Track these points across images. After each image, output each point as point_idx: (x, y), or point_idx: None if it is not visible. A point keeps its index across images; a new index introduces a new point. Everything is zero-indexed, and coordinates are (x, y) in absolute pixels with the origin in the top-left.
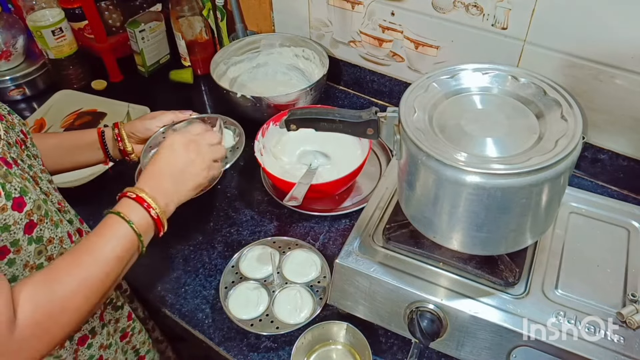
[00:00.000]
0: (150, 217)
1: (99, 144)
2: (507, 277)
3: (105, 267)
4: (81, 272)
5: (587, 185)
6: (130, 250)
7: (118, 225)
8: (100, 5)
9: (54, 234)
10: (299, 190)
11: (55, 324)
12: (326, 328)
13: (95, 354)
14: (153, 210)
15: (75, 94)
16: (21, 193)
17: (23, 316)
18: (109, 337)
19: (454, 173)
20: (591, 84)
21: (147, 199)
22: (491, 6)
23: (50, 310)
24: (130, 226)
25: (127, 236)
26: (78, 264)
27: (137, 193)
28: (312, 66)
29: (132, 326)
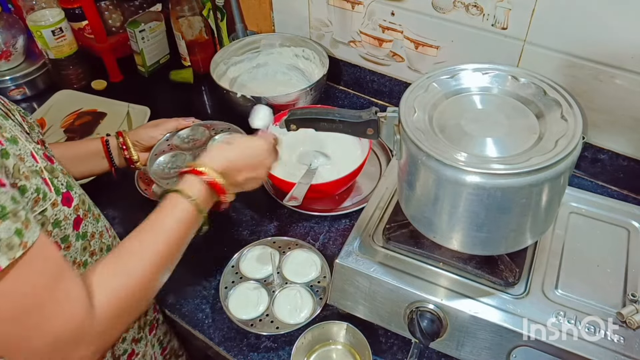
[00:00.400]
0: (205, 184)
1: (103, 153)
2: (507, 277)
3: (170, 246)
4: (148, 252)
5: (587, 185)
6: (192, 223)
7: (179, 202)
8: (100, 5)
9: (95, 229)
10: (299, 190)
11: (129, 306)
12: (326, 328)
13: (128, 348)
14: (207, 176)
15: (75, 94)
16: (67, 188)
17: (100, 304)
18: (140, 330)
19: (454, 173)
20: (591, 84)
21: (199, 168)
22: (491, 6)
23: (125, 293)
24: (189, 200)
25: (187, 210)
26: (145, 244)
27: (193, 165)
28: (312, 66)
29: (157, 317)
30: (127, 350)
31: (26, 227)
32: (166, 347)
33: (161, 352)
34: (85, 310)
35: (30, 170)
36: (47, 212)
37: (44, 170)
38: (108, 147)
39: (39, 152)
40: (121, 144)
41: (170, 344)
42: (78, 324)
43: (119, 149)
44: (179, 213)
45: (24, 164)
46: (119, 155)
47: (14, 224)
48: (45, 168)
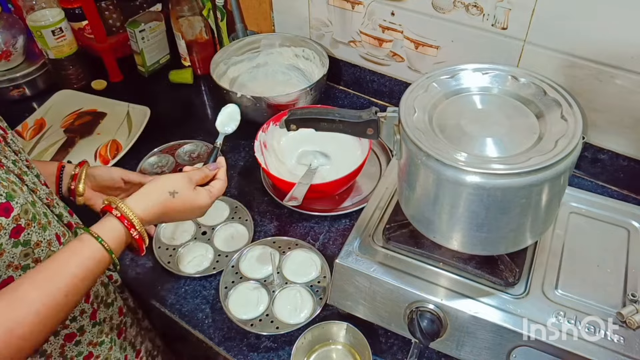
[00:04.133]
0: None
1: (55, 176)
2: (507, 277)
3: (70, 287)
4: (43, 299)
5: (587, 185)
6: (99, 265)
7: (86, 241)
8: (100, 5)
9: (42, 237)
10: (299, 190)
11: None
12: (326, 328)
13: (84, 350)
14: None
15: (75, 94)
16: (8, 198)
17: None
18: (101, 334)
19: (454, 173)
20: (591, 84)
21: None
22: (491, 6)
23: (9, 340)
24: (97, 240)
25: (95, 251)
26: (38, 284)
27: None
28: (312, 66)
29: (124, 320)
30: (82, 352)
31: None
32: (140, 350)
33: (135, 355)
34: None
35: None
36: None
37: None
38: (61, 173)
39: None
40: (75, 174)
41: (143, 345)
42: None
43: (70, 177)
44: (86, 256)
45: None
46: (68, 183)
47: None
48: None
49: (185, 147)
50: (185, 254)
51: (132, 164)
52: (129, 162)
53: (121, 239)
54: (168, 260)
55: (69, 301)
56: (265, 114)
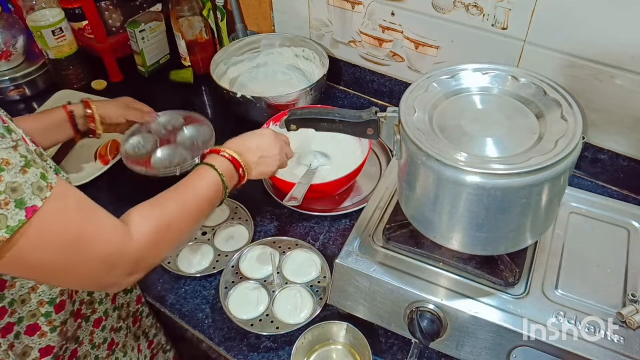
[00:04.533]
0: (235, 171)
1: (69, 122)
2: (507, 277)
3: (199, 200)
4: (181, 200)
5: (587, 185)
6: (217, 195)
7: (207, 170)
8: (100, 5)
9: None
10: (299, 190)
11: (164, 238)
12: (326, 328)
13: (107, 336)
14: (240, 167)
15: (75, 94)
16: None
17: (138, 230)
18: (120, 320)
19: (454, 173)
20: (591, 84)
21: (234, 155)
22: (491, 6)
23: (160, 227)
24: (219, 176)
25: (216, 184)
26: (178, 194)
27: (227, 151)
28: (312, 66)
29: (141, 310)
30: (106, 339)
31: (47, 171)
32: (153, 340)
33: (147, 345)
34: (123, 236)
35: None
36: None
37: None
38: (73, 117)
39: (27, 137)
40: (89, 116)
41: (157, 337)
42: (117, 247)
43: (85, 118)
44: (208, 179)
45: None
46: (84, 124)
47: (37, 169)
48: (35, 151)
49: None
50: (185, 254)
51: None
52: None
53: (230, 172)
54: (168, 261)
55: (199, 215)
56: (265, 114)
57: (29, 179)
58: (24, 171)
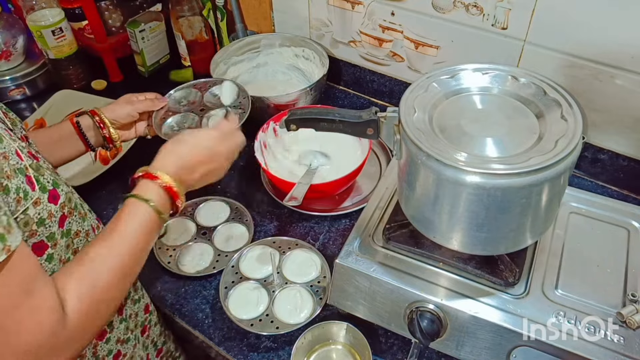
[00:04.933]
0: (161, 189)
1: (76, 135)
2: (507, 277)
3: (134, 247)
4: (114, 252)
5: (587, 185)
6: (153, 227)
7: (140, 207)
8: (100, 5)
9: (81, 227)
10: (299, 190)
11: (98, 313)
12: (326, 328)
13: (113, 348)
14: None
15: (75, 94)
16: (54, 185)
17: (71, 306)
18: (127, 331)
19: (454, 173)
20: (591, 84)
21: (153, 172)
22: (491, 6)
23: (95, 295)
24: (148, 204)
25: (147, 213)
26: (110, 245)
27: (146, 170)
28: (312, 66)
29: (149, 319)
30: (112, 351)
31: (8, 232)
32: (162, 349)
33: (156, 354)
34: (58, 318)
35: (14, 168)
36: (29, 211)
37: (29, 168)
38: (80, 128)
39: (24, 150)
40: (98, 123)
41: (166, 345)
42: (52, 332)
43: (96, 128)
44: (141, 217)
45: (7, 163)
46: (96, 135)
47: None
48: (31, 166)
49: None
50: (185, 254)
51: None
52: (129, 162)
53: (166, 204)
54: (168, 261)
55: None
56: (265, 114)
57: None
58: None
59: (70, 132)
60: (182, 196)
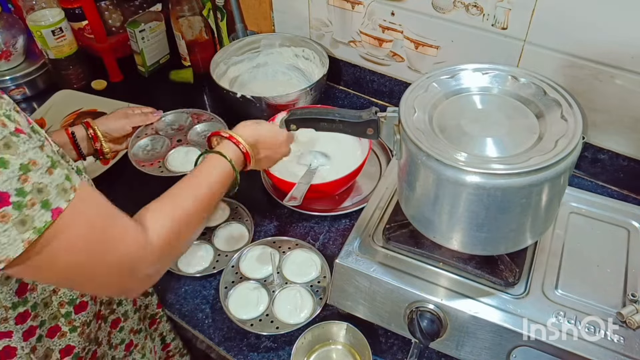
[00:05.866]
0: (240, 151)
1: (70, 145)
2: (507, 277)
3: (211, 191)
4: (194, 193)
5: (587, 185)
6: (228, 177)
7: (218, 160)
8: (100, 5)
9: None
10: (299, 190)
11: (180, 235)
12: (326, 328)
13: (126, 337)
14: (242, 145)
15: (75, 94)
16: (78, 172)
17: (155, 231)
18: (140, 322)
19: (454, 173)
20: (591, 84)
21: (236, 137)
22: (491, 6)
23: (176, 225)
24: (228, 160)
25: (228, 171)
26: (191, 187)
27: (230, 133)
28: (312, 66)
29: (161, 314)
30: (124, 340)
31: (70, 173)
32: (169, 344)
33: (162, 348)
34: (143, 238)
35: None
36: None
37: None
38: (75, 139)
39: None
40: (92, 135)
41: (174, 341)
42: (137, 251)
43: (88, 140)
44: (221, 170)
45: None
46: (88, 146)
47: (62, 170)
48: (57, 152)
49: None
50: (185, 254)
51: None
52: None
53: (241, 165)
54: None
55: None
56: (265, 114)
57: (55, 180)
58: (50, 172)
59: (65, 141)
60: (253, 159)
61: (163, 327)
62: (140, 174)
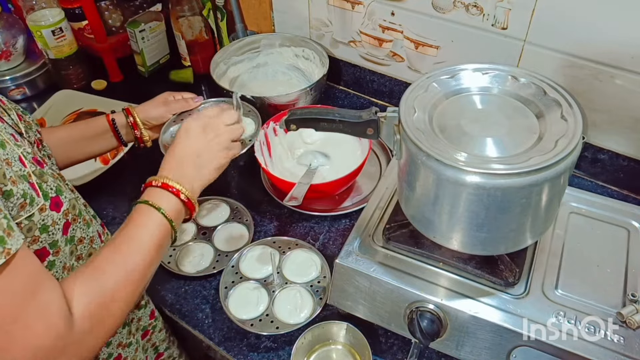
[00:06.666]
0: (180, 201)
1: (111, 132)
2: (507, 277)
3: (145, 255)
4: (124, 261)
5: (587, 185)
6: (165, 236)
7: (150, 213)
8: (100, 5)
9: (85, 234)
10: (299, 190)
11: (109, 314)
12: (326, 328)
13: (113, 352)
14: (182, 194)
15: (75, 94)
16: (57, 192)
17: (78, 310)
18: (130, 335)
19: (454, 173)
20: (591, 84)
21: (173, 184)
22: (491, 6)
23: (103, 302)
24: (161, 213)
25: (160, 224)
26: (120, 254)
27: (162, 180)
28: (312, 66)
29: (154, 324)
30: (112, 354)
31: (8, 235)
32: (162, 353)
33: (155, 358)
34: (65, 321)
35: (17, 174)
36: (34, 217)
37: (32, 174)
38: (115, 126)
39: (28, 157)
40: (131, 124)
41: (168, 350)
42: (58, 334)
43: (128, 127)
44: (153, 225)
45: (10, 169)
46: (128, 133)
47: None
48: (34, 172)
49: None
50: (185, 254)
51: (132, 165)
52: (129, 162)
53: (179, 210)
54: (168, 261)
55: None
56: (265, 114)
57: None
58: None
59: (105, 128)
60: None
61: (156, 337)
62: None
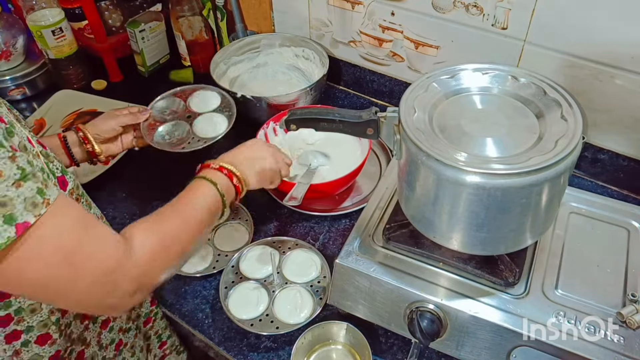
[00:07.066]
0: (232, 185)
1: (62, 149)
2: (507, 277)
3: (198, 213)
4: (183, 214)
5: (587, 185)
6: (217, 207)
7: (207, 184)
8: (100, 5)
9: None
10: (298, 190)
11: (166, 254)
12: (326, 328)
13: (115, 337)
14: (235, 177)
15: (75, 94)
16: (62, 172)
17: (139, 246)
18: (129, 321)
19: (454, 173)
20: (591, 84)
21: (227, 167)
22: (491, 6)
23: (162, 238)
24: (216, 188)
25: (214, 195)
26: (178, 209)
27: (220, 163)
28: (312, 66)
29: (155, 312)
30: (114, 340)
31: (46, 186)
32: (166, 342)
33: (159, 346)
34: (123, 253)
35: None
36: None
37: (40, 154)
38: (66, 143)
39: (33, 138)
40: (82, 139)
41: (170, 339)
42: (116, 265)
43: (80, 144)
44: (206, 193)
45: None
46: (81, 151)
47: (35, 184)
48: (41, 152)
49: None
50: None
51: (133, 165)
52: (129, 162)
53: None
54: None
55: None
56: (265, 114)
57: (23, 193)
58: (18, 185)
59: (57, 146)
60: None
61: (158, 324)
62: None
